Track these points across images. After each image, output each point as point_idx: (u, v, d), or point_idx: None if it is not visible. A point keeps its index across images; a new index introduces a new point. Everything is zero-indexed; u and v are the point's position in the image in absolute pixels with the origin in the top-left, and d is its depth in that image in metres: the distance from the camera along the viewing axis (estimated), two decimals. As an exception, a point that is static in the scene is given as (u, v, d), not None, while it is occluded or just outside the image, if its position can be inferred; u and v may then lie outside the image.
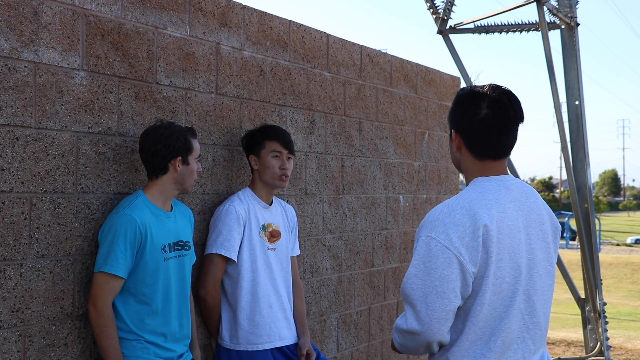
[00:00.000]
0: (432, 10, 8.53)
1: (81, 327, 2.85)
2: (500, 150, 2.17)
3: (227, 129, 3.61)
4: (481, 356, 2.05)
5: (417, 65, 5.40)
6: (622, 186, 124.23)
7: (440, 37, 8.54)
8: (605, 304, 8.11)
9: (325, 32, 4.40)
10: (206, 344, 3.49)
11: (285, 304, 3.51)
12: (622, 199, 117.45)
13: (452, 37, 8.53)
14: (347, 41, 4.58)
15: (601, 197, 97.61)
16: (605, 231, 51.25)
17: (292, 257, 3.69)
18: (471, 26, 8.61)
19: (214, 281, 3.34)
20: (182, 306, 3.00)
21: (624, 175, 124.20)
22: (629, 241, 43.37)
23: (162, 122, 2.97)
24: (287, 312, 3.52)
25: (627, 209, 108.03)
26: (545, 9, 7.74)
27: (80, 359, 2.85)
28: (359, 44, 4.71)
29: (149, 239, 2.80)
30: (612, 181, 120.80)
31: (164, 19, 3.24)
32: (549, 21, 8.04)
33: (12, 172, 2.60)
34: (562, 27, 8.26)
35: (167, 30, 3.26)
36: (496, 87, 2.18)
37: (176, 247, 2.95)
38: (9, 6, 2.58)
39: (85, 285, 2.85)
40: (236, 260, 3.34)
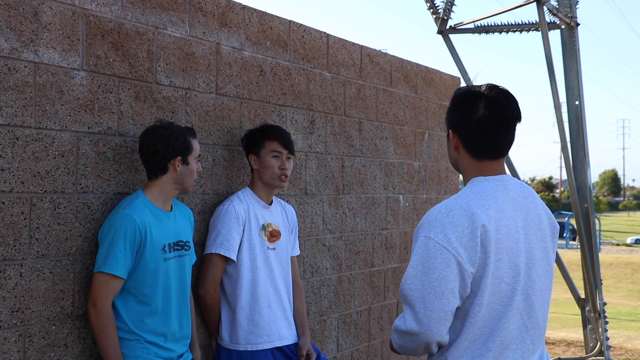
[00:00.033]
0: (432, 10, 8.52)
1: (81, 327, 2.85)
2: (498, 150, 2.17)
3: (227, 129, 3.61)
4: (480, 356, 2.05)
5: (417, 65, 5.40)
6: (622, 186, 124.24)
7: (440, 37, 8.54)
8: (605, 304, 8.11)
9: (325, 32, 4.40)
10: (206, 344, 3.49)
11: (285, 304, 3.51)
12: (622, 199, 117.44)
13: (452, 37, 8.53)
14: (347, 41, 4.58)
15: (601, 197, 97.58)
16: (605, 231, 51.24)
17: (292, 257, 3.69)
18: (471, 26, 8.61)
19: (213, 281, 3.34)
20: (182, 306, 3.00)
21: (624, 175, 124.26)
22: (629, 241, 43.38)
23: (162, 122, 2.97)
24: (286, 311, 3.52)
25: (627, 209, 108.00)
26: (545, 9, 7.73)
27: (80, 359, 2.85)
28: (359, 44, 4.71)
29: (149, 239, 2.80)
30: (612, 181, 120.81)
31: (164, 19, 3.24)
32: (549, 21, 8.04)
33: (12, 172, 2.60)
34: (562, 27, 8.26)
35: (167, 30, 3.26)
36: (493, 86, 2.18)
37: (176, 247, 2.95)
38: (9, 6, 2.58)
39: (85, 285, 2.85)
40: (235, 260, 3.34)
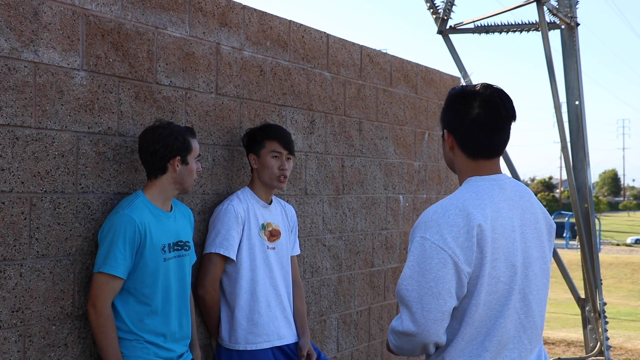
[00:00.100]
0: (432, 10, 8.53)
1: (81, 327, 2.85)
2: (493, 149, 2.17)
3: (227, 129, 3.61)
4: (477, 356, 2.04)
5: (417, 65, 5.40)
6: (622, 186, 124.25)
7: (440, 37, 8.55)
8: (605, 304, 8.11)
9: (325, 32, 4.40)
10: (206, 344, 3.48)
11: (284, 303, 3.51)
12: (622, 199, 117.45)
13: (452, 37, 8.53)
14: (347, 41, 4.58)
15: (601, 197, 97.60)
16: (605, 231, 51.25)
17: (292, 257, 3.69)
18: (471, 26, 8.61)
19: (212, 280, 3.33)
20: (182, 306, 3.00)
21: (624, 175, 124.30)
22: (629, 241, 43.40)
23: (161, 122, 2.96)
24: (286, 311, 3.52)
25: (627, 209, 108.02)
26: (545, 9, 7.73)
27: (80, 359, 2.85)
28: (359, 44, 4.71)
29: (149, 239, 2.80)
30: (612, 181, 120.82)
31: (164, 19, 3.24)
32: (549, 21, 8.04)
33: (12, 172, 2.60)
34: (562, 27, 8.26)
35: (167, 30, 3.26)
36: (488, 85, 2.17)
37: (176, 247, 2.95)
38: (9, 6, 2.58)
39: (85, 285, 2.85)
40: (235, 259, 3.34)
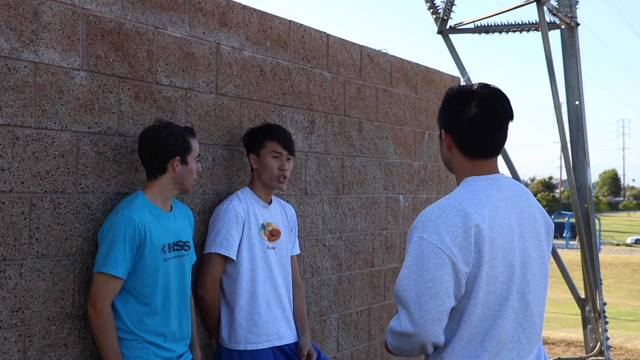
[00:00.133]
0: (432, 10, 8.52)
1: (81, 327, 2.85)
2: (490, 149, 2.17)
3: (227, 129, 3.61)
4: (475, 356, 2.04)
5: (417, 65, 5.40)
6: (622, 186, 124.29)
7: (440, 37, 8.54)
8: (605, 304, 8.11)
9: (325, 32, 4.40)
10: (206, 344, 3.48)
11: (284, 303, 3.51)
12: (622, 199, 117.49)
13: (452, 37, 8.53)
14: (347, 41, 4.58)
15: (601, 197, 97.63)
16: (605, 231, 51.25)
17: (292, 257, 3.69)
18: (471, 26, 8.61)
19: (212, 280, 3.33)
20: (182, 306, 3.00)
21: (624, 175, 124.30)
22: (629, 241, 43.40)
23: (161, 122, 2.96)
24: (286, 311, 3.52)
25: (627, 209, 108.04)
26: (545, 9, 7.73)
27: (80, 359, 2.85)
28: (359, 44, 4.71)
29: (148, 240, 2.80)
30: (612, 181, 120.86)
31: (164, 19, 3.24)
32: (549, 21, 8.04)
33: (12, 172, 2.60)
34: (562, 27, 8.26)
35: (167, 30, 3.26)
36: (485, 85, 2.17)
37: (176, 248, 2.95)
38: (9, 6, 2.58)
39: (85, 285, 2.85)
40: (235, 259, 3.34)
